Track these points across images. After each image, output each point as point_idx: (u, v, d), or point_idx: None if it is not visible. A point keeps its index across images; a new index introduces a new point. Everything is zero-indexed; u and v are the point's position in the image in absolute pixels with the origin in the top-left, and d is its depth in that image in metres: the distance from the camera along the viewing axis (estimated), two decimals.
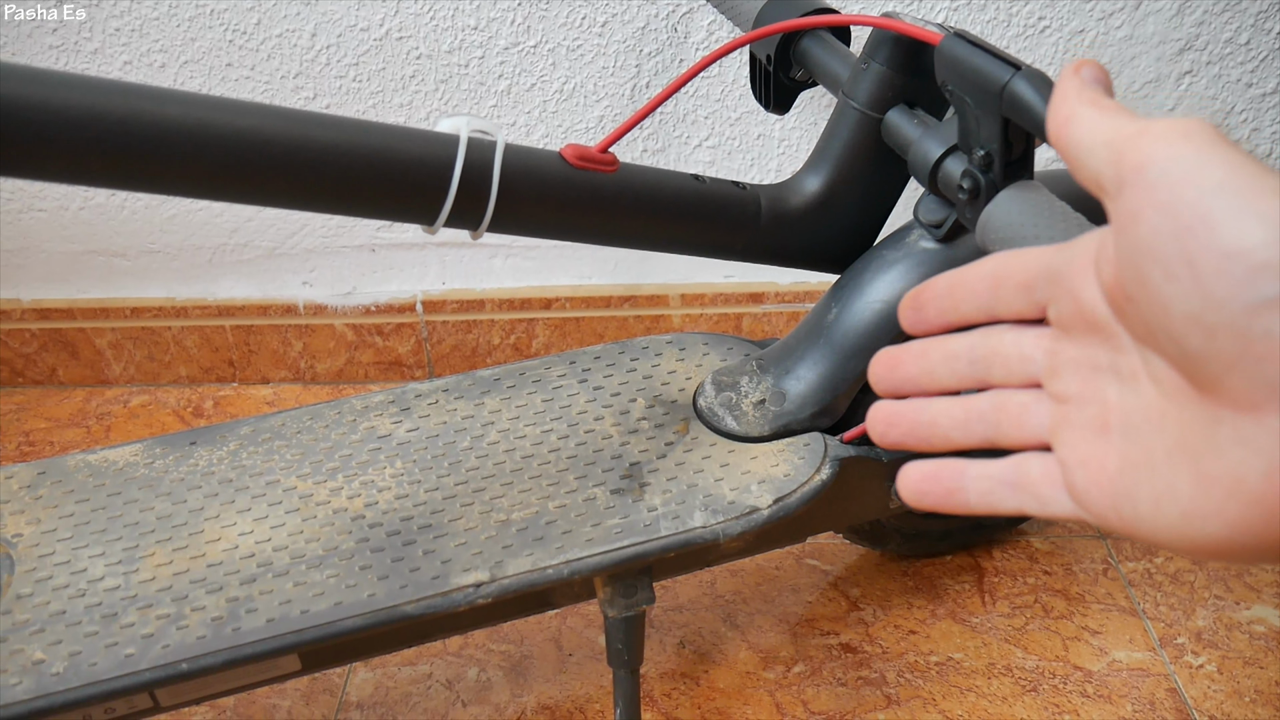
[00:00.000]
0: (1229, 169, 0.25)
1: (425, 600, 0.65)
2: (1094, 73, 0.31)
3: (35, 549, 0.68)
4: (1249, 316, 0.24)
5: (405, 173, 0.61)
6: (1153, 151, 0.26)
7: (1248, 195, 0.24)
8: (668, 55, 1.01)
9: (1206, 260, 0.24)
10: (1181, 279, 0.25)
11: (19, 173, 0.54)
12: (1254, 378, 0.24)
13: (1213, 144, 0.25)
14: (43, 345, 1.15)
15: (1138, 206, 0.26)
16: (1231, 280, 0.24)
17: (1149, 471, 0.27)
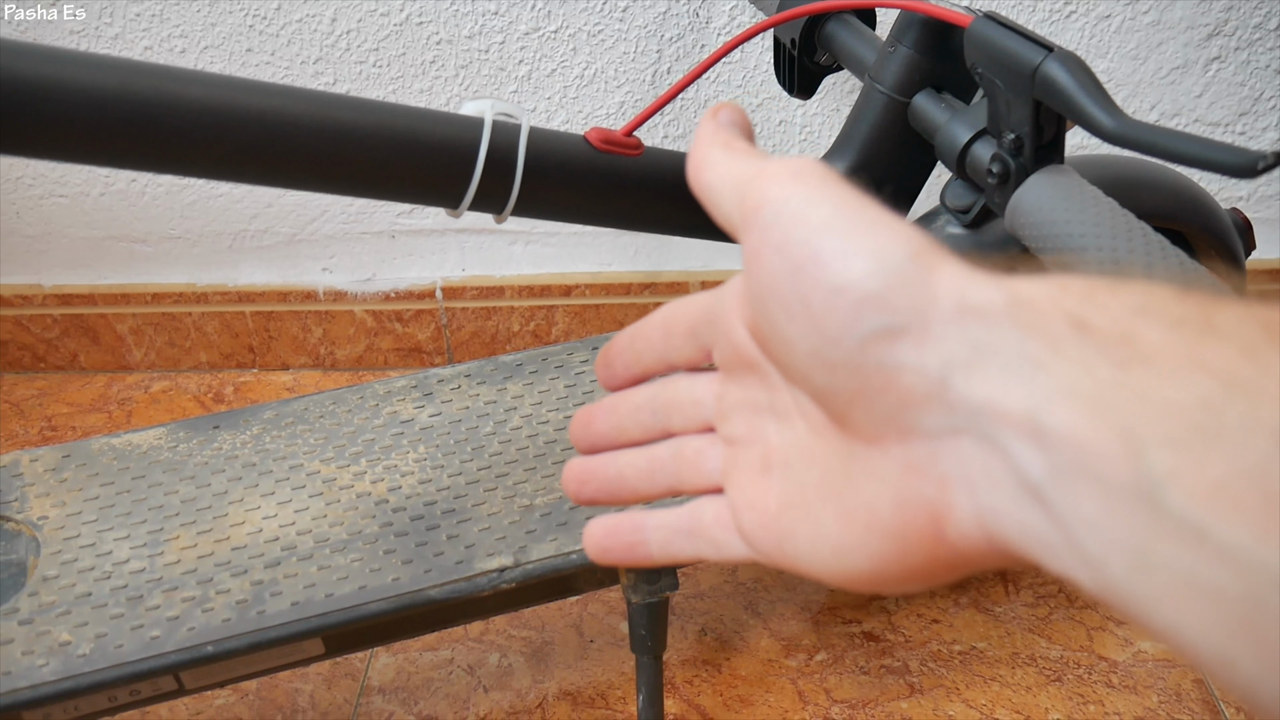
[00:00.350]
0: (835, 206, 0.25)
1: (449, 585, 0.64)
2: (731, 115, 0.31)
3: (61, 532, 0.68)
4: (861, 351, 0.24)
5: (430, 155, 0.61)
6: (766, 192, 0.26)
7: (852, 231, 0.24)
8: (689, 40, 1.00)
9: (818, 297, 0.24)
10: (799, 317, 0.25)
11: (43, 154, 0.53)
12: (873, 410, 0.24)
13: (821, 183, 0.26)
14: (64, 331, 1.15)
15: (757, 247, 0.26)
16: (841, 316, 0.24)
17: (804, 510, 0.28)
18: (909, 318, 0.23)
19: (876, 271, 0.24)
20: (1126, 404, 0.20)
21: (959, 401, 0.22)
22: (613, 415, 0.34)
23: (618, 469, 0.34)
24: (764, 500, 0.29)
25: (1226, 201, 1.06)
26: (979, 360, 0.22)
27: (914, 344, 0.23)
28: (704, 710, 0.81)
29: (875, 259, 0.24)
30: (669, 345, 0.33)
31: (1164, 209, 0.71)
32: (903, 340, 0.23)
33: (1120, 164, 0.72)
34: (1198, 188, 0.74)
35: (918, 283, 0.23)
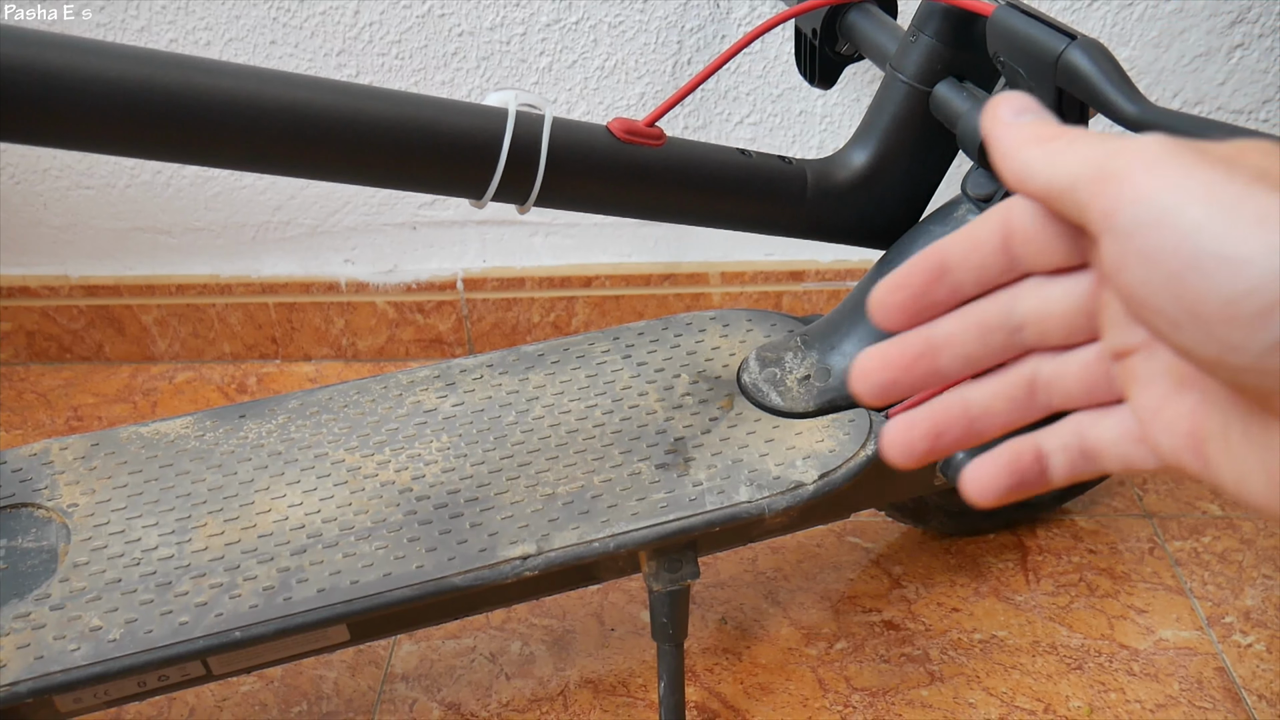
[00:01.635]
0: (1207, 200, 0.22)
1: (473, 572, 0.65)
2: (1018, 104, 0.28)
3: (90, 518, 0.69)
4: (1271, 356, 0.22)
5: (455, 146, 0.61)
6: (1121, 194, 0.24)
7: (1235, 229, 0.22)
8: (709, 31, 1.00)
9: (1209, 309, 0.22)
10: (1188, 328, 0.23)
11: (72, 144, 0.54)
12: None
13: (1184, 172, 0.23)
14: (90, 321, 1.17)
15: (1119, 258, 0.24)
16: (1242, 326, 0.22)
17: (1226, 449, 0.26)
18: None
19: (1270, 279, 0.21)
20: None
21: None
22: (951, 345, 0.30)
23: (980, 406, 0.30)
24: (1180, 419, 0.27)
25: None
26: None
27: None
28: (724, 698, 0.82)
29: (1268, 261, 0.21)
30: (994, 265, 0.29)
31: None
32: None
33: None
34: None
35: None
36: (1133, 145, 0.24)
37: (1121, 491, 0.98)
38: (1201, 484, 0.88)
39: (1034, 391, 0.30)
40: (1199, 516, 0.95)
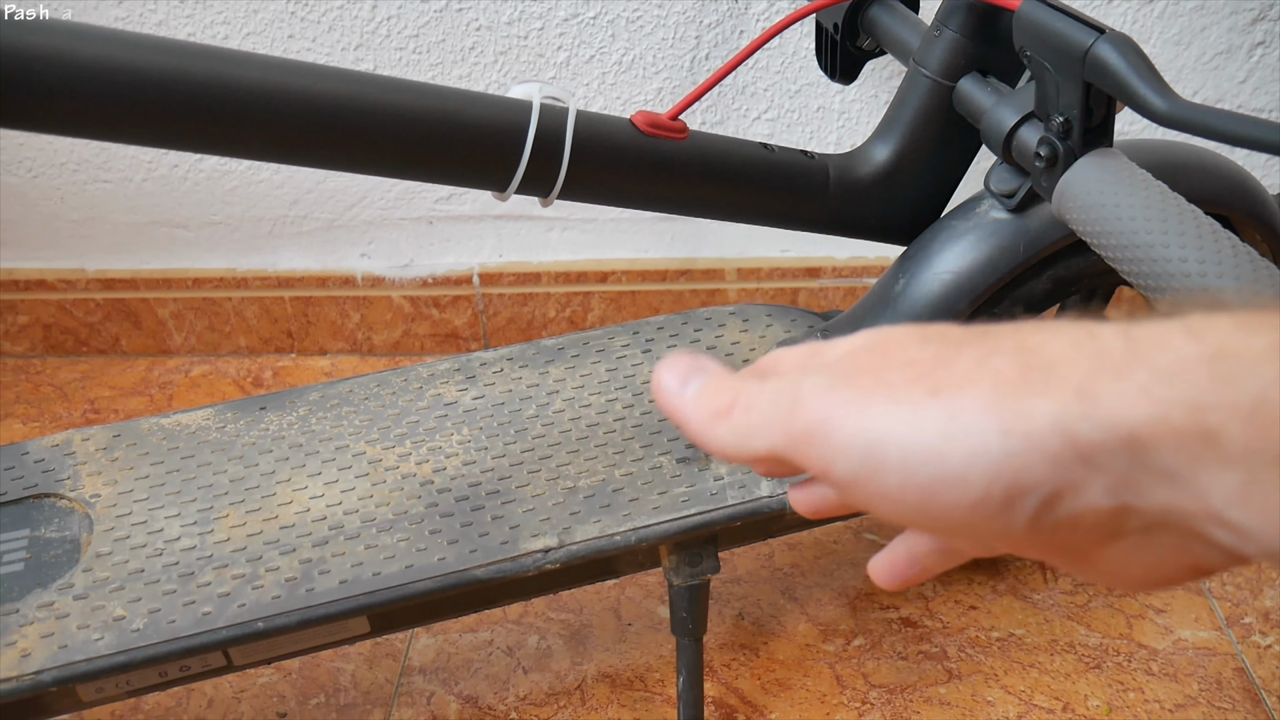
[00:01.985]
0: (899, 429, 0.24)
1: (495, 565, 0.65)
2: (681, 368, 0.29)
3: (113, 509, 0.69)
4: (1033, 530, 0.23)
5: (479, 138, 0.61)
6: (821, 455, 0.25)
7: (938, 448, 0.23)
8: (728, 26, 1.00)
9: (962, 520, 0.23)
10: (957, 535, 0.24)
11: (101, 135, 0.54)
12: (1087, 544, 0.24)
13: (859, 407, 0.24)
14: (106, 315, 1.17)
15: (860, 502, 0.25)
16: (998, 519, 0.23)
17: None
18: (1049, 484, 0.23)
19: (993, 477, 0.23)
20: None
21: (1146, 511, 0.23)
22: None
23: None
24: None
25: (1273, 187, 1.05)
26: (1132, 478, 0.22)
27: (1071, 497, 0.23)
28: (742, 694, 0.82)
29: (982, 469, 0.23)
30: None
31: (1210, 193, 0.71)
32: (1061, 500, 0.23)
33: (1163, 147, 0.72)
34: (1244, 172, 0.73)
35: (1029, 453, 0.22)
36: (802, 398, 0.25)
37: None
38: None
39: None
40: None
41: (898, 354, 0.25)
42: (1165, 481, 0.22)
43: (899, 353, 0.25)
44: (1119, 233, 0.57)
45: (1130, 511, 0.23)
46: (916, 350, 0.25)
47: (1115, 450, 0.22)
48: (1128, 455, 0.22)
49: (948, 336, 0.25)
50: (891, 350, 0.26)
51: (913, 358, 0.25)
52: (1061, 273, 0.73)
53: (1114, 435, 0.22)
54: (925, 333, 0.26)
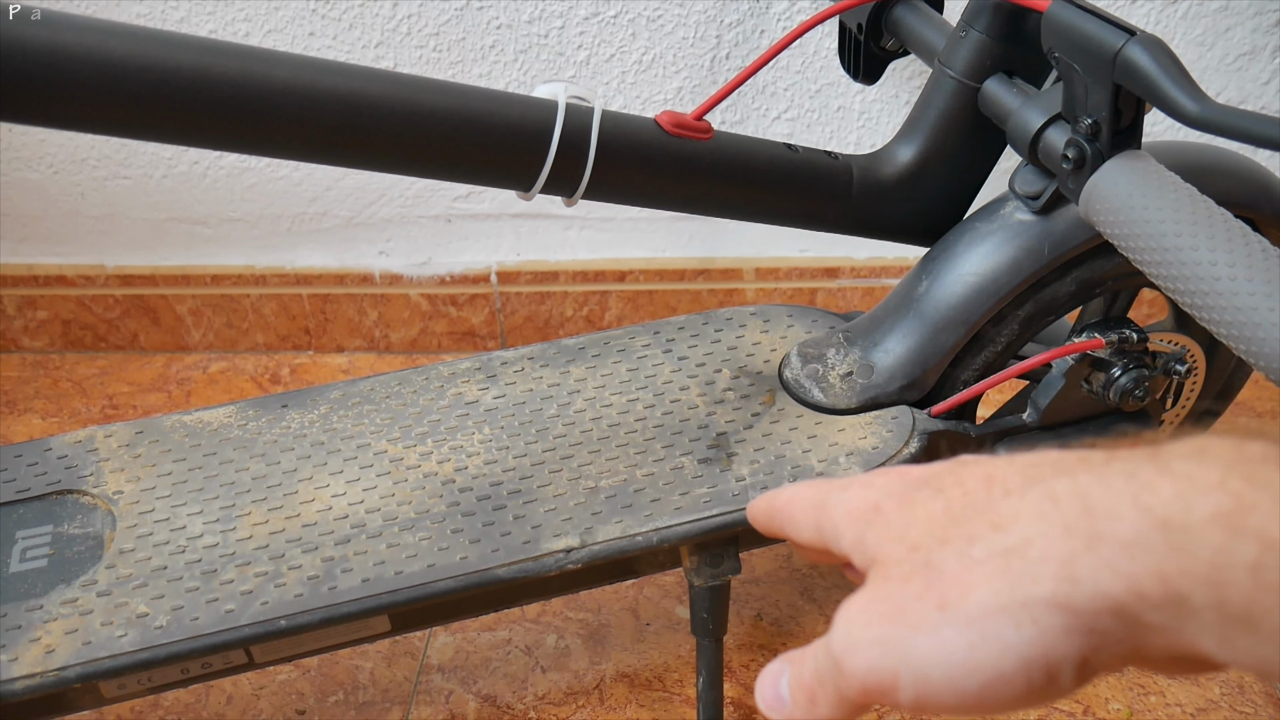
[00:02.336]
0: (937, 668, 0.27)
1: (517, 564, 0.65)
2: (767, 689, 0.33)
3: (135, 506, 0.69)
4: (1084, 678, 0.27)
5: (505, 137, 0.61)
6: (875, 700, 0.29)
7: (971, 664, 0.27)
8: (749, 26, 1.00)
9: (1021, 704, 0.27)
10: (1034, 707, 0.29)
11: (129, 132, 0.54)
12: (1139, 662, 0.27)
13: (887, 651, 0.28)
14: (125, 311, 1.17)
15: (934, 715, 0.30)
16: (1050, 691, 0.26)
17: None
18: (1078, 652, 0.25)
19: (1028, 666, 0.26)
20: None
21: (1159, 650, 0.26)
22: None
23: None
24: None
25: None
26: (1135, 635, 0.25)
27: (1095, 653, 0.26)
28: None
29: (1015, 663, 0.26)
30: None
31: (1237, 196, 0.71)
32: (1097, 657, 0.26)
33: (1191, 150, 0.71)
34: (1271, 174, 0.73)
35: (1054, 633, 0.25)
36: (841, 662, 0.29)
37: None
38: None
39: None
40: None
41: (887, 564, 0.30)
42: (1160, 633, 0.25)
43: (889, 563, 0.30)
44: (1148, 235, 0.56)
45: (1150, 651, 0.25)
46: (902, 554, 0.29)
47: (1110, 616, 0.25)
48: (1121, 619, 0.25)
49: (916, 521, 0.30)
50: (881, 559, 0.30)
51: (900, 560, 0.29)
52: (1086, 275, 0.72)
53: (1104, 606, 0.25)
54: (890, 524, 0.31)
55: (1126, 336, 0.71)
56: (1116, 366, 0.73)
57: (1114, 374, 0.73)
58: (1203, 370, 0.82)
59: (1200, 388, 0.84)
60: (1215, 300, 0.53)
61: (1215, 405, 0.87)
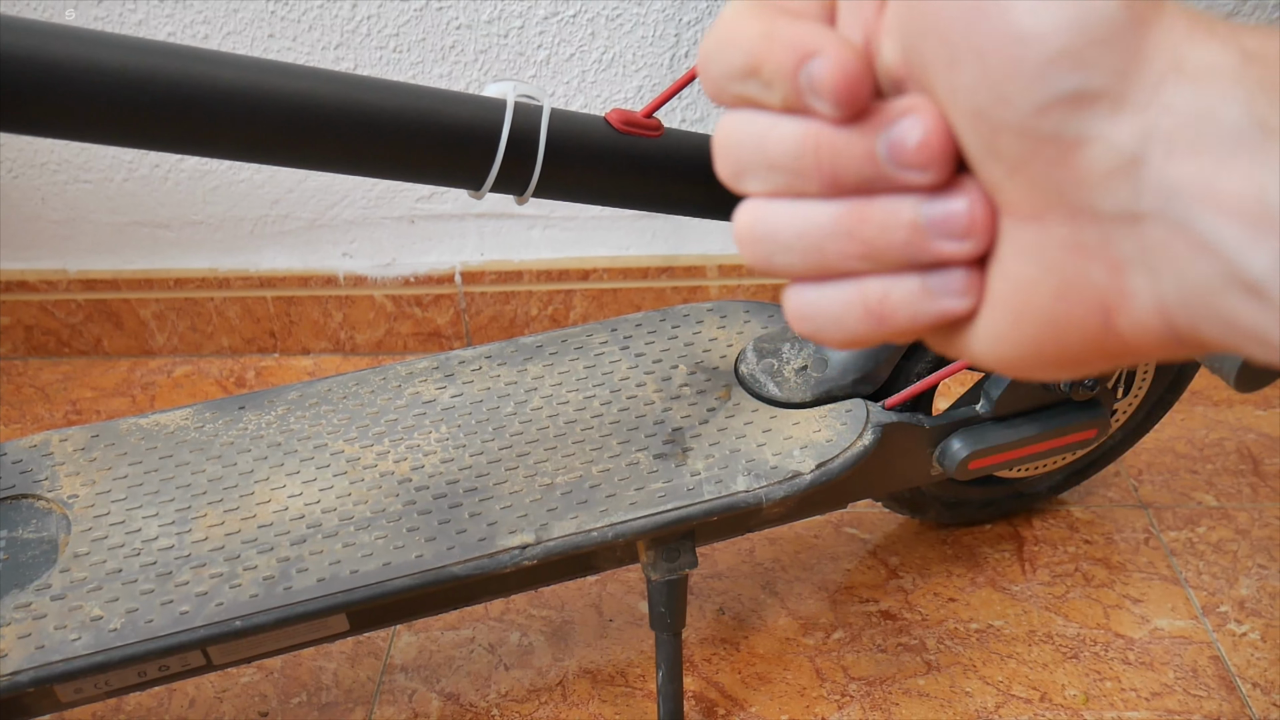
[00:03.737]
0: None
1: (472, 561, 0.65)
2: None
3: (90, 509, 0.69)
4: (1039, 116, 0.20)
5: (453, 137, 0.61)
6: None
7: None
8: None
9: (995, 46, 0.20)
10: (966, 66, 0.20)
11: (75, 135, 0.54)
12: (1037, 183, 0.21)
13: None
14: (88, 316, 1.17)
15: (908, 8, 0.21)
16: (1023, 72, 0.20)
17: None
18: (1109, 80, 0.19)
19: (1077, 21, 0.19)
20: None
21: (1154, 181, 0.19)
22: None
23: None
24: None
25: None
26: (1190, 133, 0.19)
27: (1108, 112, 0.19)
28: (722, 688, 0.82)
29: (1073, 12, 0.19)
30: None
31: None
32: (1095, 106, 0.20)
33: None
34: None
35: (1127, 37, 0.19)
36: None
37: (1117, 482, 0.98)
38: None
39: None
40: (1194, 507, 0.95)
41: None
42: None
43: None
44: None
45: (1139, 171, 0.20)
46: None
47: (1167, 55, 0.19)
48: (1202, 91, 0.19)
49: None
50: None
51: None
52: None
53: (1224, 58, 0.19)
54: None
55: None
56: None
57: None
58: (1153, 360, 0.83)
59: (1151, 378, 0.85)
60: None
61: (1167, 395, 0.88)
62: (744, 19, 0.23)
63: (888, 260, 0.23)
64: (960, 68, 0.21)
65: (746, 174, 0.24)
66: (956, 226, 0.22)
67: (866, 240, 0.22)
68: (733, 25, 0.23)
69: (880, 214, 0.22)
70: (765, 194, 0.24)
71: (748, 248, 0.24)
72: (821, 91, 0.21)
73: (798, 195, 0.23)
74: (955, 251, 0.22)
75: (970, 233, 0.22)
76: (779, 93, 0.22)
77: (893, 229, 0.22)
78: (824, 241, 0.23)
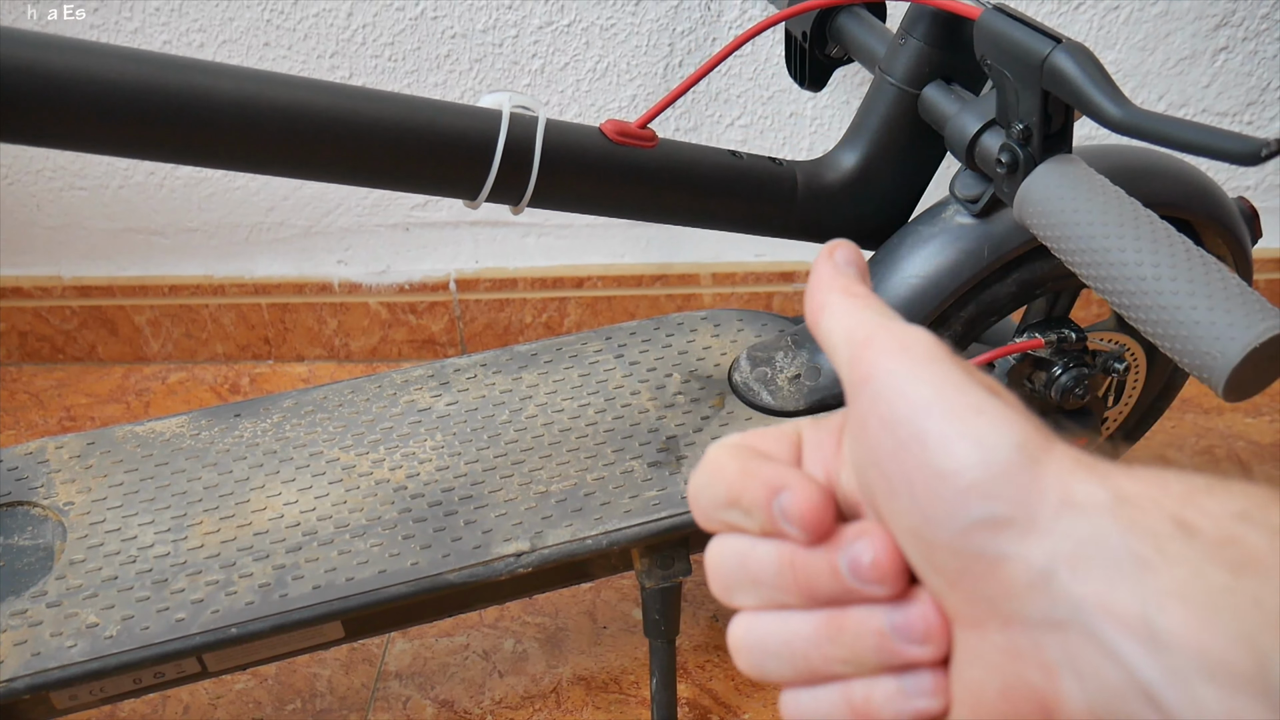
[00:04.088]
0: (938, 388, 0.24)
1: (468, 569, 0.66)
2: (847, 255, 0.30)
3: (86, 517, 0.69)
4: (964, 537, 0.23)
5: (449, 147, 0.62)
6: (875, 363, 0.26)
7: (958, 415, 0.24)
8: (701, 34, 1.01)
9: (921, 479, 0.24)
10: (901, 495, 0.24)
11: (72, 145, 0.55)
12: (974, 595, 0.24)
13: (929, 360, 0.25)
14: (83, 322, 1.17)
15: (864, 416, 0.26)
16: (945, 501, 0.23)
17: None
18: (1014, 509, 0.23)
19: (981, 461, 0.23)
20: (1243, 610, 0.20)
21: (1064, 596, 0.22)
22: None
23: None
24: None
25: (1233, 191, 1.06)
26: (1084, 556, 0.22)
27: (1018, 535, 0.23)
28: (716, 694, 0.83)
29: (981, 448, 0.23)
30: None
31: (1171, 198, 0.72)
32: (1007, 531, 0.23)
33: (1127, 153, 0.73)
34: (1205, 177, 0.75)
35: (1023, 474, 0.23)
36: (897, 327, 0.27)
37: None
38: None
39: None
40: None
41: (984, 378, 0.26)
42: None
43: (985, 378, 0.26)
44: (1077, 236, 0.58)
45: (1051, 587, 0.22)
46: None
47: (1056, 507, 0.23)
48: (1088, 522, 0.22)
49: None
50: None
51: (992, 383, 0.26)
52: (1026, 276, 0.74)
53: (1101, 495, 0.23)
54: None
55: (1066, 336, 0.73)
56: (1057, 365, 0.74)
57: (1055, 373, 0.74)
58: (1144, 368, 0.84)
59: (1142, 385, 0.86)
60: (1141, 299, 0.55)
61: (1157, 403, 0.89)
62: (725, 459, 0.28)
63: (866, 664, 0.26)
64: (896, 496, 0.25)
65: (735, 589, 0.28)
66: (915, 632, 0.25)
67: (844, 645, 0.26)
68: (716, 464, 0.28)
69: (853, 622, 0.26)
70: (753, 608, 0.28)
71: (741, 657, 0.28)
72: (790, 519, 0.26)
73: (781, 608, 0.27)
74: (919, 655, 0.25)
75: (928, 638, 0.25)
76: (756, 520, 0.27)
77: (865, 635, 0.26)
78: (808, 648, 0.27)
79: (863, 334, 0.27)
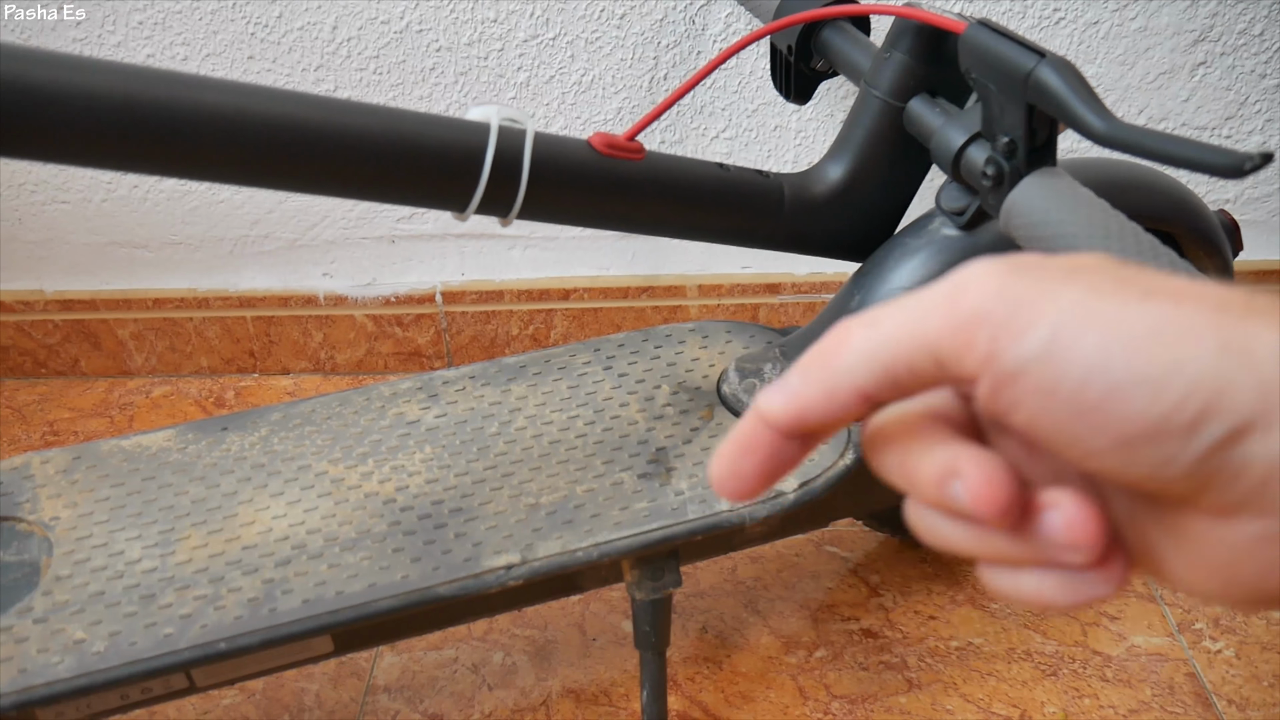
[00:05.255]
0: (1093, 324, 0.22)
1: (458, 582, 0.66)
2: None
3: (73, 532, 0.69)
4: (1201, 463, 0.21)
5: (438, 160, 0.62)
6: (995, 336, 0.22)
7: (1138, 350, 0.21)
8: (685, 47, 1.02)
9: (1136, 432, 0.21)
10: (1110, 454, 0.22)
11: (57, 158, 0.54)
12: (1221, 497, 0.22)
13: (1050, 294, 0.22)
14: (65, 336, 1.16)
15: (1011, 399, 0.23)
16: (1173, 440, 0.21)
17: (1147, 551, 0.25)
18: (1247, 412, 0.21)
19: (1193, 388, 0.21)
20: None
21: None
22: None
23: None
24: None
25: (1214, 204, 1.08)
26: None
27: (1260, 434, 0.21)
28: (706, 707, 0.82)
29: (1185, 375, 0.21)
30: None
31: (1153, 210, 0.73)
32: (1247, 437, 0.21)
33: (1110, 166, 0.74)
34: (1186, 190, 0.76)
35: (1241, 373, 0.21)
36: (967, 285, 0.23)
37: None
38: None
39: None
40: None
41: (1096, 265, 0.23)
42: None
43: (1098, 265, 0.23)
44: (1062, 249, 0.58)
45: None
46: (1121, 269, 0.23)
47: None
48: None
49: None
50: (1087, 264, 0.23)
51: (1121, 276, 0.23)
52: None
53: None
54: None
55: None
56: None
57: None
58: None
59: None
60: None
61: None
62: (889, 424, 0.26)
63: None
64: (1107, 456, 0.22)
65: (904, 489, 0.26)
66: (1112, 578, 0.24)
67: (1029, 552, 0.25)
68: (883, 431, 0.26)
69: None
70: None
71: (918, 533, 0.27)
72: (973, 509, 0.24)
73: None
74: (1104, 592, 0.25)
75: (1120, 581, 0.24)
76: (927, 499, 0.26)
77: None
78: (995, 553, 0.25)
79: (941, 319, 0.23)
